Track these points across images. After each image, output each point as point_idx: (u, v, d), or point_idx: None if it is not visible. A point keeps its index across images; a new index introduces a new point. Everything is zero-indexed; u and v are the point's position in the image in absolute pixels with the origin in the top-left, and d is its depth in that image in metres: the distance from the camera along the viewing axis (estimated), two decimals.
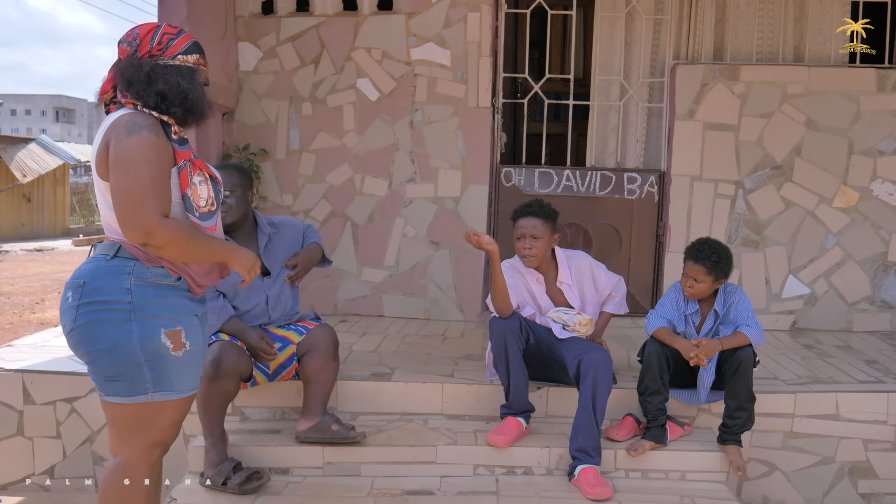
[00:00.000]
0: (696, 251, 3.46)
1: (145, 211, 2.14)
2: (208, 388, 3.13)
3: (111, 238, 2.29)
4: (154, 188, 2.17)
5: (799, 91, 5.02)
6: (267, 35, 5.24)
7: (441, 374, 3.86)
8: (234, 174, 3.33)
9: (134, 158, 2.16)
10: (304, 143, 5.29)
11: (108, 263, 2.25)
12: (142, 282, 2.24)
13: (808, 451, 3.68)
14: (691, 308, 3.55)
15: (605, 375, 3.29)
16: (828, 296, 5.11)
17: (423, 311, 5.30)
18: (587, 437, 3.23)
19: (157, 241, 2.17)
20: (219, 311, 3.27)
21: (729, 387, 3.39)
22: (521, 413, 3.44)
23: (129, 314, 2.21)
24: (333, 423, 3.31)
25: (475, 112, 5.16)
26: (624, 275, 5.13)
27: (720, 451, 3.37)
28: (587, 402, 3.25)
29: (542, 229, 3.49)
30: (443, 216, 5.24)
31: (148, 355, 2.23)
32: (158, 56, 2.28)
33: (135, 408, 2.26)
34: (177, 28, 2.36)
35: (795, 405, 3.67)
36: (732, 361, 3.34)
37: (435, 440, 3.43)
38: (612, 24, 5.25)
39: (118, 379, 2.23)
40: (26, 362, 3.99)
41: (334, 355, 3.41)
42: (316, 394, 3.36)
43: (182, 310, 2.32)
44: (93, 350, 2.23)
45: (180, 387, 2.31)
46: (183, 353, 2.29)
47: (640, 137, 5.31)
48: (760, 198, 5.10)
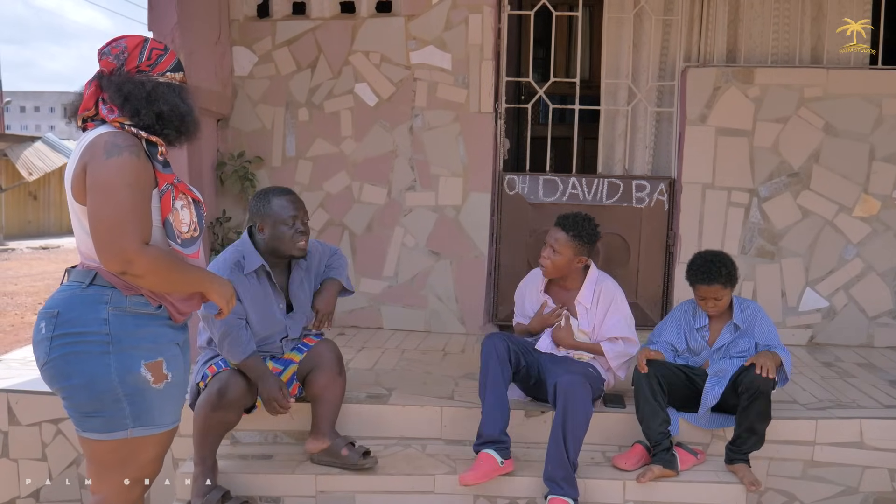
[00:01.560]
0: (703, 273, 3.31)
1: (124, 238, 2.01)
2: (210, 415, 3.02)
3: (87, 265, 2.15)
4: (134, 214, 2.03)
5: (817, 94, 4.80)
6: (262, 39, 5.06)
7: (440, 397, 3.68)
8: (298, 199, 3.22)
9: (113, 182, 2.02)
10: (300, 150, 5.11)
11: (84, 292, 2.11)
12: (120, 311, 2.11)
13: (830, 480, 3.48)
14: (701, 322, 3.39)
15: (575, 401, 3.07)
16: (847, 309, 4.89)
17: (424, 323, 5.12)
18: (555, 465, 3.05)
19: (137, 269, 2.04)
20: (243, 344, 3.07)
21: (743, 410, 3.20)
22: (492, 444, 3.13)
23: (106, 346, 2.08)
24: (344, 448, 3.19)
25: (477, 117, 4.97)
26: (632, 286, 4.98)
27: (738, 483, 3.17)
28: (557, 428, 3.07)
29: (564, 245, 3.33)
30: (444, 225, 5.05)
31: (127, 389, 2.10)
32: (147, 72, 2.15)
33: (113, 444, 2.13)
34: (163, 44, 2.24)
35: (816, 432, 3.47)
36: (750, 388, 3.15)
37: (433, 468, 3.26)
38: (619, 26, 5.04)
39: (95, 415, 2.11)
40: (12, 380, 3.87)
41: (340, 370, 3.28)
42: (324, 412, 3.24)
43: (163, 339, 2.18)
44: (68, 385, 2.10)
45: (162, 421, 2.18)
46: (164, 385, 2.16)
47: (649, 143, 5.10)
48: (776, 206, 4.88)
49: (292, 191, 3.24)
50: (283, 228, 3.11)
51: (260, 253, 3.15)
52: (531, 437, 3.49)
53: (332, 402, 3.25)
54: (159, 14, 4.06)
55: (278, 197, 3.15)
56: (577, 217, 3.38)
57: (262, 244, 3.16)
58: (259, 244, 3.17)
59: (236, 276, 3.09)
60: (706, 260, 3.34)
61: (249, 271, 3.12)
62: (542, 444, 3.46)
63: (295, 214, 3.13)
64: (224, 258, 3.16)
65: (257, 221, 3.15)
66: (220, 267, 3.11)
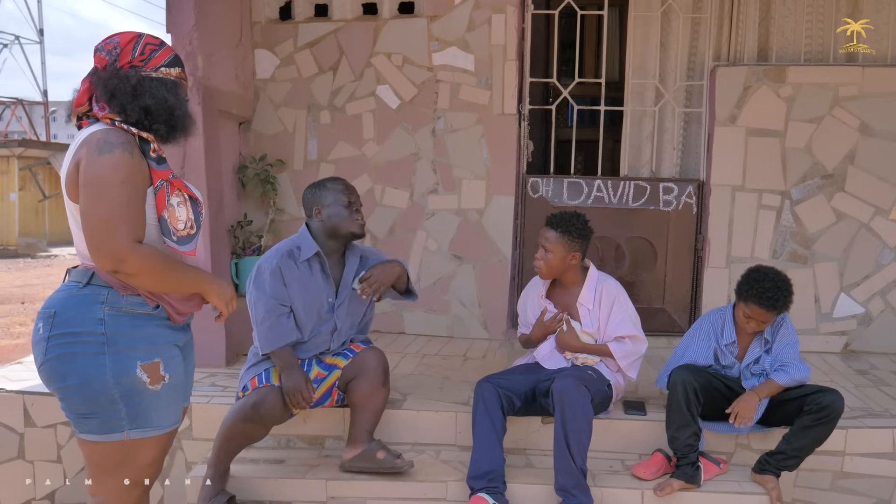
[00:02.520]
0: (768, 299, 3.06)
1: (116, 237, 1.98)
2: (238, 425, 3.00)
3: (85, 264, 2.13)
4: (127, 212, 2.00)
5: (852, 93, 4.63)
6: (284, 42, 5.06)
7: (456, 402, 3.61)
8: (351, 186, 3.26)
9: (106, 180, 1.99)
10: (322, 153, 5.09)
11: (80, 292, 2.09)
12: (116, 311, 2.08)
13: (861, 493, 3.32)
14: (729, 337, 3.23)
15: (573, 404, 2.99)
16: (884, 316, 4.70)
17: (446, 328, 5.05)
18: (564, 474, 2.97)
19: (129, 268, 2.01)
20: (282, 332, 3.06)
21: (803, 428, 3.05)
22: (483, 490, 2.99)
23: (102, 346, 2.06)
24: (379, 451, 3.12)
25: (500, 119, 4.89)
26: (659, 292, 4.86)
27: (763, 494, 3.03)
28: (559, 436, 3.00)
29: (554, 242, 3.25)
30: (466, 229, 4.98)
31: (123, 391, 2.07)
32: (140, 67, 2.13)
33: (110, 446, 2.10)
34: (158, 39, 2.20)
35: (846, 442, 3.32)
36: (822, 410, 3.00)
37: (446, 475, 3.19)
38: (646, 25, 4.93)
39: (91, 416, 2.08)
40: (29, 382, 3.87)
41: (384, 381, 3.20)
42: (362, 421, 3.17)
43: (160, 340, 2.15)
44: (63, 386, 2.08)
45: (160, 422, 2.15)
46: (161, 386, 2.13)
47: (677, 145, 4.97)
48: (809, 209, 4.71)
49: (344, 179, 3.28)
50: (340, 209, 3.14)
51: (316, 241, 3.16)
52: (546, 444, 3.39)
53: (372, 412, 3.17)
54: (177, 17, 4.07)
55: (332, 182, 3.22)
56: (565, 214, 3.31)
57: (320, 228, 3.17)
58: (315, 230, 3.18)
59: (286, 264, 3.11)
60: (774, 284, 3.07)
61: (304, 258, 3.13)
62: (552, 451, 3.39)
63: (350, 198, 3.18)
64: (278, 247, 3.19)
65: (314, 206, 3.17)
66: (272, 254, 3.14)
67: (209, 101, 4.24)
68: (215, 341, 4.09)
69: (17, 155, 18.71)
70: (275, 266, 3.11)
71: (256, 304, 3.10)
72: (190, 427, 3.56)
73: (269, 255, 3.16)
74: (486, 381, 3.22)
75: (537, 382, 3.27)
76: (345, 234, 3.16)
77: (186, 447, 3.58)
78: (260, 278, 3.12)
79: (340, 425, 3.45)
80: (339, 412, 3.43)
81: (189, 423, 3.55)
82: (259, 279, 3.12)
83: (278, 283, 3.10)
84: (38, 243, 19.01)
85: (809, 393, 3.09)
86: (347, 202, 3.15)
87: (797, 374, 3.13)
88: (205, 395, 3.66)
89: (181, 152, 3.97)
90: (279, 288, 3.10)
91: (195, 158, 4.09)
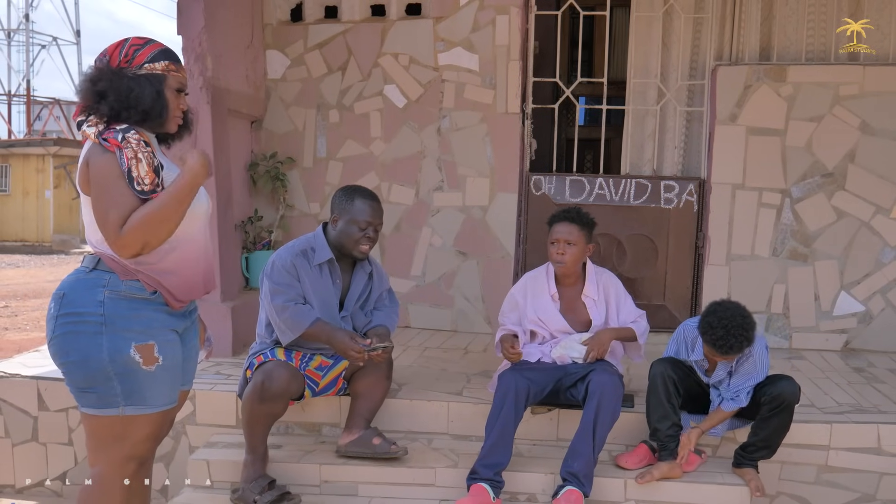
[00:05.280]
0: (715, 343, 3.01)
1: (108, 228, 2.15)
2: (257, 407, 3.09)
3: (94, 250, 2.30)
4: (115, 202, 2.15)
5: (853, 92, 4.64)
6: (295, 43, 5.19)
7: (449, 393, 3.71)
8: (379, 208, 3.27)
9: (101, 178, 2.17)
10: (331, 151, 5.22)
11: (87, 276, 2.27)
12: (115, 295, 2.24)
13: (845, 486, 3.36)
14: (698, 355, 3.26)
15: (609, 401, 3.09)
16: (884, 314, 4.70)
17: (450, 322, 5.15)
18: (582, 463, 3.04)
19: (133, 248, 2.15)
20: (305, 313, 3.12)
21: (762, 420, 3.12)
22: (488, 481, 3.03)
23: (100, 327, 2.21)
24: (375, 437, 3.22)
25: (504, 118, 4.98)
26: (660, 289, 4.92)
27: (743, 485, 3.09)
28: (587, 426, 3.07)
29: (577, 236, 3.34)
30: (471, 225, 5.08)
31: (118, 369, 2.23)
32: (126, 68, 2.25)
33: (107, 420, 2.26)
34: (144, 39, 2.33)
35: (831, 436, 3.36)
36: (774, 400, 3.05)
37: (435, 462, 3.29)
38: (648, 24, 4.98)
39: (90, 391, 2.25)
40: (45, 369, 4.04)
41: (388, 374, 3.33)
42: (361, 408, 3.28)
43: (156, 324, 2.30)
44: (66, 361, 2.26)
45: (154, 401, 2.30)
46: (155, 367, 2.27)
47: (679, 143, 5.02)
48: (809, 207, 4.73)
49: (378, 197, 3.29)
50: (354, 228, 3.18)
51: (329, 244, 3.24)
52: (535, 434, 3.50)
53: (372, 401, 3.29)
54: (187, 19, 4.21)
55: (363, 199, 3.22)
56: (573, 209, 3.43)
57: (333, 236, 3.24)
58: (330, 236, 3.25)
59: (301, 262, 3.18)
60: (727, 332, 2.97)
61: (317, 263, 3.21)
62: (546, 441, 3.49)
63: (370, 221, 3.19)
64: (293, 244, 3.26)
65: (335, 213, 3.23)
66: (286, 252, 3.21)
67: (218, 100, 4.38)
68: (222, 332, 4.23)
69: (52, 153, 19.17)
70: (289, 263, 3.18)
71: (274, 296, 3.15)
72: (193, 413, 3.70)
73: (283, 252, 3.22)
74: (518, 374, 3.23)
75: (562, 375, 3.32)
76: (346, 252, 3.25)
77: (190, 432, 3.73)
78: (275, 272, 3.18)
79: (337, 413, 3.57)
80: (336, 401, 3.54)
81: (193, 408, 3.69)
82: (274, 272, 3.18)
83: (293, 279, 3.17)
84: (71, 240, 19.45)
85: (764, 384, 3.13)
86: (364, 225, 3.18)
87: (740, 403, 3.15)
88: (209, 383, 3.80)
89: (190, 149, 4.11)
90: (294, 283, 3.17)
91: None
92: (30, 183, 19.57)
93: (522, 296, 3.49)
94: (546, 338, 3.46)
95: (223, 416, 3.66)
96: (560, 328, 3.43)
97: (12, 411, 3.91)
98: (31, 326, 8.23)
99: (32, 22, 33.92)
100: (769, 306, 4.80)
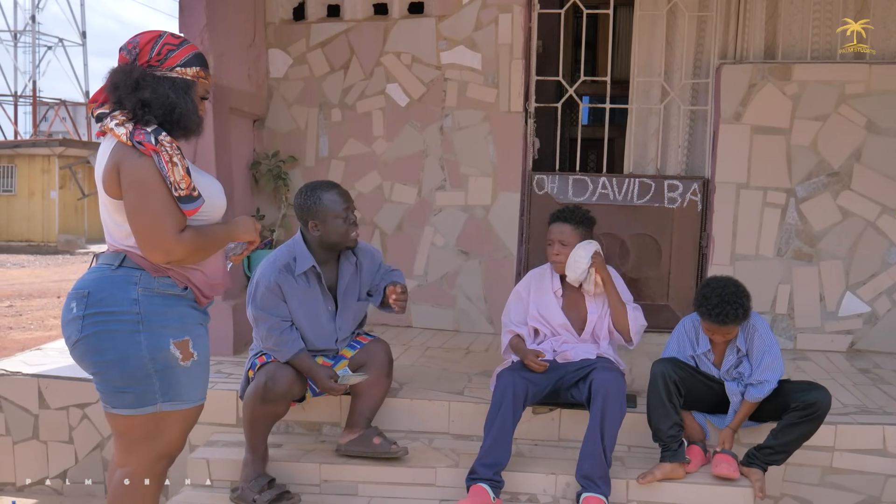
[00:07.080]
0: (717, 315, 3.05)
1: (163, 233, 2.16)
2: (259, 407, 3.08)
3: (115, 248, 2.28)
4: (168, 207, 2.16)
5: (858, 91, 4.60)
6: (297, 41, 5.18)
7: (450, 392, 3.69)
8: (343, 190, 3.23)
9: (146, 181, 2.15)
10: (333, 150, 5.20)
11: (114, 273, 2.24)
12: (149, 292, 2.23)
13: (850, 488, 3.33)
14: (703, 346, 3.25)
15: (615, 398, 3.07)
16: (890, 315, 4.66)
17: (453, 322, 5.13)
18: (593, 464, 3.01)
19: (177, 256, 2.21)
20: (289, 342, 3.13)
21: (789, 425, 3.06)
22: (487, 482, 3.02)
23: (137, 325, 2.20)
24: (375, 437, 3.21)
25: (506, 117, 4.96)
26: (664, 289, 4.90)
27: (748, 486, 3.06)
28: (595, 426, 3.05)
29: (570, 235, 3.32)
30: (473, 225, 5.06)
31: (158, 366, 2.22)
32: (157, 66, 2.23)
33: (143, 419, 2.25)
34: (179, 38, 2.29)
35: (836, 437, 3.33)
36: (808, 408, 3.01)
37: (436, 461, 3.27)
38: (652, 23, 4.95)
39: (127, 390, 2.22)
40: (46, 367, 4.04)
41: (388, 372, 3.32)
42: (362, 407, 3.27)
43: (189, 319, 2.31)
44: (101, 360, 2.22)
45: (189, 397, 2.31)
46: (191, 363, 2.28)
47: (683, 142, 4.99)
48: (814, 207, 4.70)
49: (336, 183, 3.26)
50: (338, 222, 3.12)
51: (311, 251, 3.18)
52: (537, 434, 3.47)
53: (372, 399, 3.28)
54: (189, 17, 4.21)
55: (327, 192, 3.16)
56: (571, 208, 3.41)
57: (316, 241, 3.18)
58: (311, 242, 3.19)
59: (284, 279, 3.14)
60: (721, 300, 3.05)
61: (300, 272, 3.16)
62: (548, 441, 3.46)
63: (346, 206, 3.15)
64: (275, 258, 3.20)
65: (309, 220, 3.14)
66: (269, 269, 3.15)
67: (220, 99, 4.37)
68: (223, 330, 4.21)
69: (57, 154, 19.22)
70: (273, 283, 3.12)
71: (258, 323, 3.14)
72: None
73: (266, 269, 3.16)
74: (516, 373, 3.21)
75: (563, 374, 3.30)
76: (342, 248, 3.22)
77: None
78: (258, 295, 3.14)
79: (338, 412, 3.55)
80: (336, 400, 3.52)
81: None
82: (258, 296, 3.14)
83: (277, 300, 3.13)
84: (76, 240, 19.51)
85: (797, 390, 3.10)
86: (344, 214, 3.13)
87: (769, 385, 3.13)
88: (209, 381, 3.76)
89: (192, 148, 4.11)
90: (279, 304, 3.14)
91: (205, 154, 4.22)
92: (35, 183, 19.62)
93: (527, 292, 3.51)
94: (547, 335, 3.45)
95: (223, 415, 3.64)
96: (561, 324, 3.42)
97: (13, 409, 3.90)
98: (35, 326, 8.24)
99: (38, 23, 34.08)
100: (774, 307, 4.76)
